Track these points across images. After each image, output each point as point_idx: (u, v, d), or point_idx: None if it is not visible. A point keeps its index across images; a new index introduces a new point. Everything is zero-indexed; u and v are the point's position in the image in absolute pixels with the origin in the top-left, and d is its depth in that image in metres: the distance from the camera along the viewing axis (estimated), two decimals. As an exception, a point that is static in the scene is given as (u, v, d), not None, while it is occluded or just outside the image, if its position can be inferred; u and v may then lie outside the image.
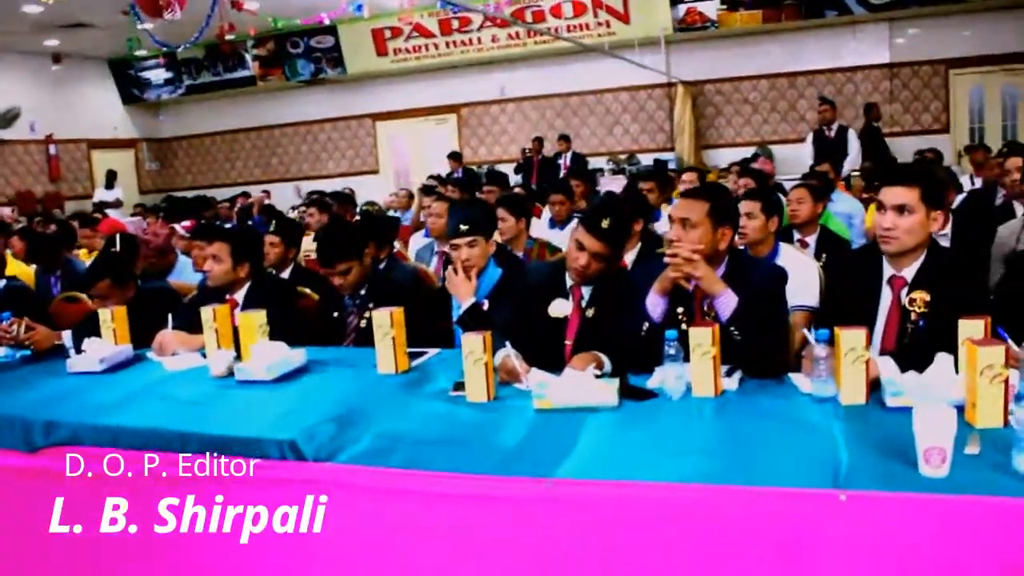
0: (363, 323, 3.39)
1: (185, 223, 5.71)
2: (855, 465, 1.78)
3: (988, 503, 1.58)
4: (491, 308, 3.26)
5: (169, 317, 3.30)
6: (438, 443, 2.14)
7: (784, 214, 4.36)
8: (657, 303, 2.57)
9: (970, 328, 2.17)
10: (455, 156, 12.82)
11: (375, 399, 2.50)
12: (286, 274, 4.26)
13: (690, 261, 2.46)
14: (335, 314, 3.51)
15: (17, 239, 6.58)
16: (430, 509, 1.96)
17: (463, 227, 3.39)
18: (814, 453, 1.88)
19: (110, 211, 11.81)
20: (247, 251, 3.51)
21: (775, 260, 3.55)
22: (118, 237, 4.93)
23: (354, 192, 9.83)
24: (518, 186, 9.82)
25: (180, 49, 10.27)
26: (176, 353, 3.12)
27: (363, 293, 3.46)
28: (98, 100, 15.22)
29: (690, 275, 2.49)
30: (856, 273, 2.66)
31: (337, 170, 15.18)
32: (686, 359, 2.34)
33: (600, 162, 12.82)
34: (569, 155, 12.22)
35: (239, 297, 3.48)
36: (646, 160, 12.53)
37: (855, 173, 9.23)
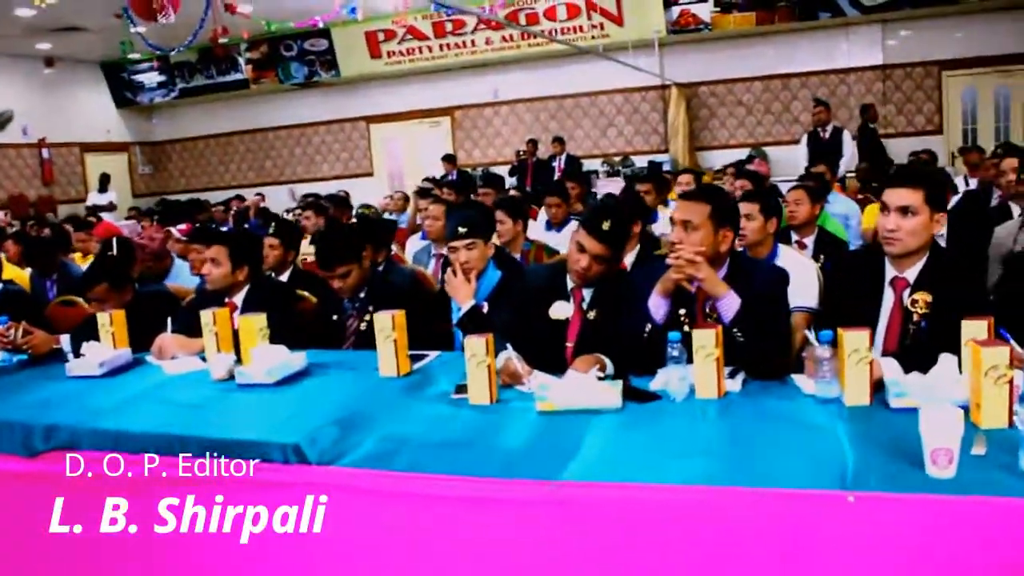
0: (363, 326, 3.38)
1: (181, 226, 5.69)
2: (861, 466, 1.78)
3: (997, 504, 1.58)
4: (491, 310, 3.25)
5: (168, 321, 3.29)
6: (442, 446, 2.13)
7: (782, 215, 4.36)
8: (659, 305, 2.57)
9: (973, 329, 2.17)
10: (449, 159, 12.81)
11: (377, 402, 2.50)
12: (285, 277, 4.24)
13: (693, 263, 2.46)
14: (334, 317, 3.50)
15: (11, 243, 6.54)
16: (430, 511, 1.95)
17: (461, 229, 3.39)
18: (820, 454, 1.87)
19: (103, 215, 11.76)
20: (246, 254, 3.50)
21: (774, 261, 3.55)
22: (114, 241, 4.91)
23: (349, 195, 9.81)
24: (513, 188, 9.81)
25: (173, 52, 10.27)
26: (175, 357, 3.11)
27: (362, 296, 3.45)
28: (91, 103, 15.18)
29: (693, 277, 2.49)
30: (857, 274, 2.67)
31: (331, 173, 15.17)
32: (689, 361, 2.34)
33: (594, 164, 12.83)
34: (563, 157, 12.23)
35: (238, 300, 3.46)
36: (640, 162, 12.56)
37: (850, 174, 9.26)
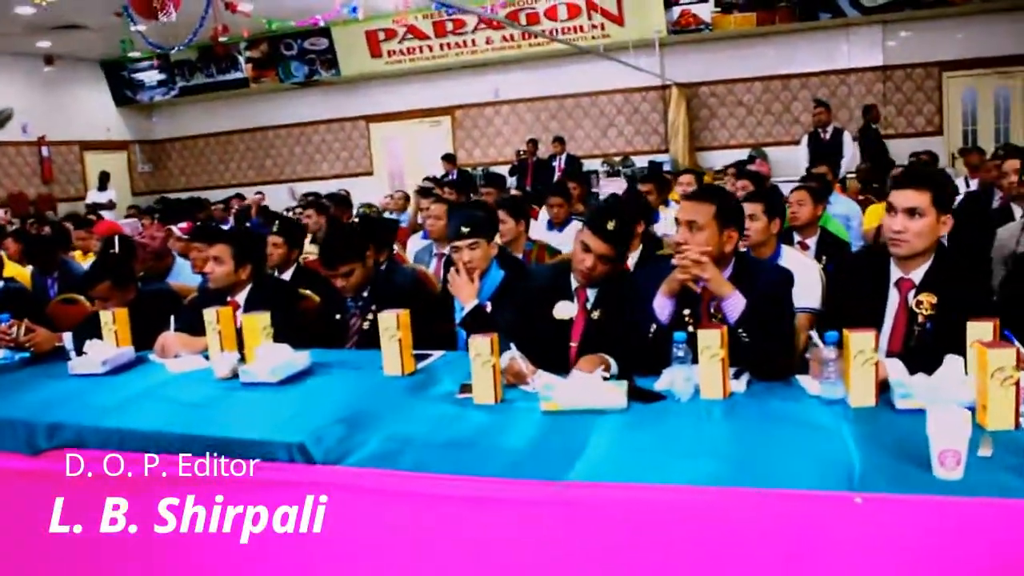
0: (366, 325, 3.38)
1: (181, 225, 5.68)
2: (868, 467, 1.78)
3: (1005, 505, 1.58)
4: (494, 310, 3.25)
5: (171, 319, 3.28)
6: (446, 446, 2.13)
7: (786, 216, 4.35)
8: (664, 305, 2.57)
9: (978, 330, 2.16)
10: (449, 158, 12.81)
11: (382, 401, 2.49)
12: (288, 275, 4.25)
13: (698, 263, 2.46)
14: (337, 316, 3.49)
15: (12, 241, 6.53)
16: (434, 510, 1.95)
17: (465, 229, 3.38)
18: (826, 455, 1.87)
19: (103, 213, 11.75)
20: (249, 253, 3.49)
21: (777, 262, 3.55)
22: (116, 239, 4.90)
23: (349, 194, 9.81)
24: (513, 188, 9.81)
25: (173, 51, 10.24)
26: (178, 355, 3.11)
27: (365, 295, 3.44)
28: (91, 102, 15.17)
29: (698, 277, 2.49)
30: (861, 275, 2.66)
31: (331, 172, 15.16)
32: (694, 361, 2.34)
33: (594, 164, 12.84)
34: (563, 157, 12.23)
35: (240, 299, 3.46)
36: (640, 162, 12.56)
37: (851, 175, 9.26)
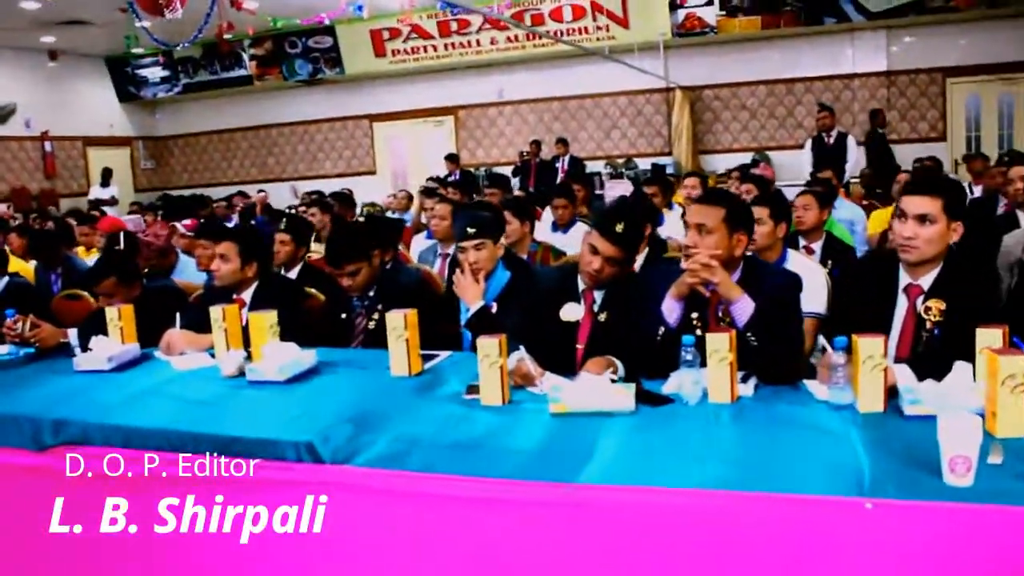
0: (371, 324, 3.37)
1: (186, 222, 5.69)
2: (878, 473, 1.77)
3: (1015, 513, 1.57)
4: (500, 311, 3.24)
5: (177, 316, 3.28)
6: (455, 447, 2.12)
7: (792, 220, 4.35)
8: (673, 308, 2.57)
9: (988, 337, 2.16)
10: (452, 158, 12.80)
11: (389, 401, 2.49)
12: (294, 273, 4.24)
13: (708, 267, 2.46)
14: (343, 315, 3.49)
15: (15, 236, 6.53)
16: (441, 511, 1.94)
17: (471, 230, 3.38)
18: (835, 460, 1.87)
19: (105, 209, 11.75)
20: (255, 250, 3.49)
21: (783, 266, 3.54)
22: (121, 235, 4.90)
23: (352, 193, 9.81)
24: (516, 189, 9.80)
25: (177, 48, 10.26)
26: (184, 352, 3.10)
27: (371, 294, 3.44)
28: (94, 97, 15.16)
29: (708, 281, 2.49)
30: (868, 280, 2.66)
31: (334, 170, 15.16)
32: (702, 364, 2.33)
33: (598, 166, 12.83)
34: (567, 159, 12.23)
35: (246, 297, 3.46)
36: (643, 165, 12.55)
37: (855, 180, 9.26)
